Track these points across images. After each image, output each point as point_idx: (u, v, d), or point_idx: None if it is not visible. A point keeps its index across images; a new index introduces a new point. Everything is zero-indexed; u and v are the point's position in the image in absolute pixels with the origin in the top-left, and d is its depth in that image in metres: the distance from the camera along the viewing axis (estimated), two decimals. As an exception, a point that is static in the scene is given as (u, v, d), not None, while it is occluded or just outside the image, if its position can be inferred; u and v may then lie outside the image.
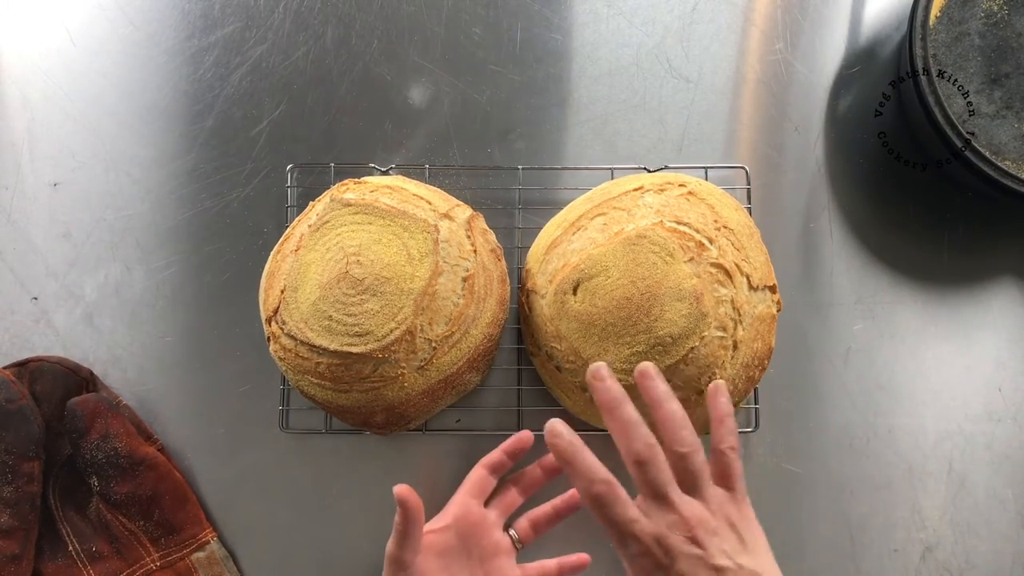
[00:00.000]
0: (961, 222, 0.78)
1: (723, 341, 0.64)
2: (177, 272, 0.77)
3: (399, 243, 0.65)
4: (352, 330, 0.64)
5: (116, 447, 0.69)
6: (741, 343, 0.65)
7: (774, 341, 0.68)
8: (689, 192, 0.68)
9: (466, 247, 0.68)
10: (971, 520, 0.73)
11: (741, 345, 0.65)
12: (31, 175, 0.79)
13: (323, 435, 0.75)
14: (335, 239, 0.66)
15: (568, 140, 0.79)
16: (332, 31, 0.81)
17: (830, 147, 0.79)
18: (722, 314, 0.64)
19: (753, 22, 0.81)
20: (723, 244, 0.66)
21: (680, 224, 0.66)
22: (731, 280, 0.65)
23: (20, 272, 0.78)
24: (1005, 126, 0.70)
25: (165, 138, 0.79)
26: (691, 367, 0.64)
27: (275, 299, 0.67)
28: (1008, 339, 0.76)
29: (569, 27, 0.81)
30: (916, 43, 0.70)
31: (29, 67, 0.81)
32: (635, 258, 0.64)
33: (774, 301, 0.68)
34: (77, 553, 0.71)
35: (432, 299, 0.65)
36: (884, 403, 0.75)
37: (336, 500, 0.74)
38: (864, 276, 0.77)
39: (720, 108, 0.79)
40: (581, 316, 0.65)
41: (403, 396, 0.67)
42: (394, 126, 0.79)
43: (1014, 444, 0.74)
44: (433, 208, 0.68)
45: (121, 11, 0.81)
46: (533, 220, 0.76)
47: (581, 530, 0.73)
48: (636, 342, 0.64)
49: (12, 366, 0.73)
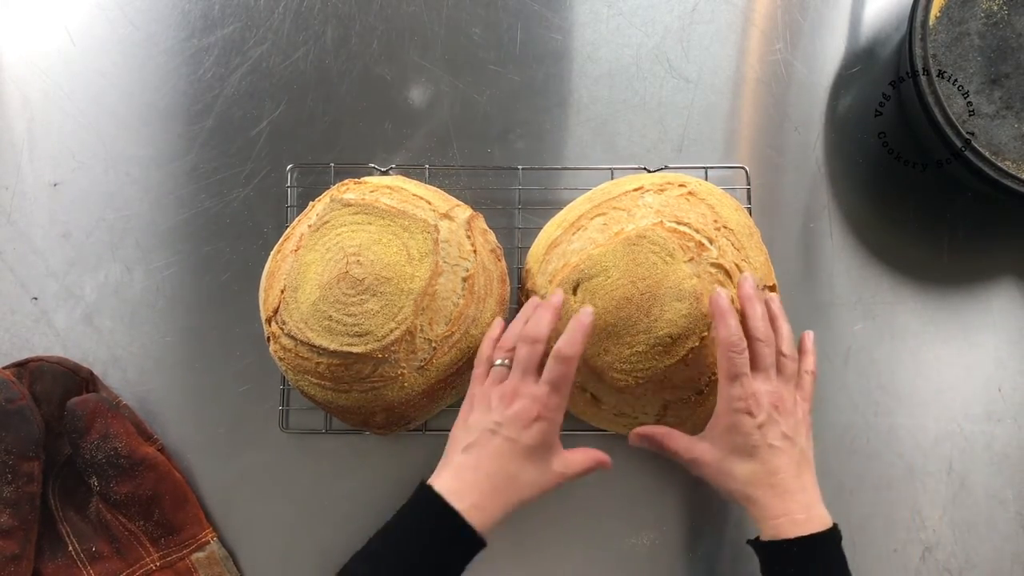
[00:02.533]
0: (961, 222, 0.78)
1: None
2: (177, 272, 0.77)
3: (399, 243, 0.65)
4: (352, 330, 0.64)
5: (116, 447, 0.69)
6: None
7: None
8: (689, 192, 0.68)
9: (466, 247, 0.68)
10: (971, 520, 0.73)
11: None
12: (31, 175, 0.79)
13: (323, 435, 0.75)
14: (335, 239, 0.66)
15: (568, 140, 0.79)
16: (332, 31, 0.81)
17: (830, 147, 0.79)
18: None
19: (753, 22, 0.81)
20: (723, 244, 0.66)
21: (680, 224, 0.66)
22: (731, 280, 0.65)
23: (20, 272, 0.78)
24: (1005, 126, 0.70)
25: (165, 138, 0.79)
26: (691, 367, 0.64)
27: (275, 299, 0.67)
28: (1008, 339, 0.76)
29: (569, 27, 0.81)
30: (916, 43, 0.70)
31: (29, 67, 0.81)
32: (635, 258, 0.64)
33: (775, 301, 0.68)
34: (77, 553, 0.70)
35: (432, 299, 0.65)
36: (884, 403, 0.75)
37: (336, 500, 0.74)
38: (864, 276, 0.77)
39: (720, 108, 0.79)
40: None
41: (403, 396, 0.66)
42: (394, 126, 0.79)
43: (1014, 444, 0.74)
44: (433, 208, 0.68)
45: (121, 11, 0.81)
46: (533, 220, 0.76)
47: (581, 533, 0.73)
48: (636, 342, 0.64)
49: (12, 366, 0.73)
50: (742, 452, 0.58)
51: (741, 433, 0.57)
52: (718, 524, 0.73)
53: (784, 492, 0.57)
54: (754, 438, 0.57)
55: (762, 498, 0.57)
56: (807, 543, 0.56)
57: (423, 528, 0.56)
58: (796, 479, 0.57)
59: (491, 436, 0.57)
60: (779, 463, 0.57)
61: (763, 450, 0.57)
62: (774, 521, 0.57)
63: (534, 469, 0.58)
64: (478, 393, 0.61)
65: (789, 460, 0.57)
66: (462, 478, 0.57)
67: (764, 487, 0.57)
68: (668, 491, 0.74)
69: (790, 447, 0.58)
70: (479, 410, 0.59)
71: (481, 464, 0.57)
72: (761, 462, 0.57)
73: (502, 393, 0.59)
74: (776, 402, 0.58)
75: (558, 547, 0.73)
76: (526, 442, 0.57)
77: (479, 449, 0.58)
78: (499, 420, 0.58)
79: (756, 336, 0.59)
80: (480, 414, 0.59)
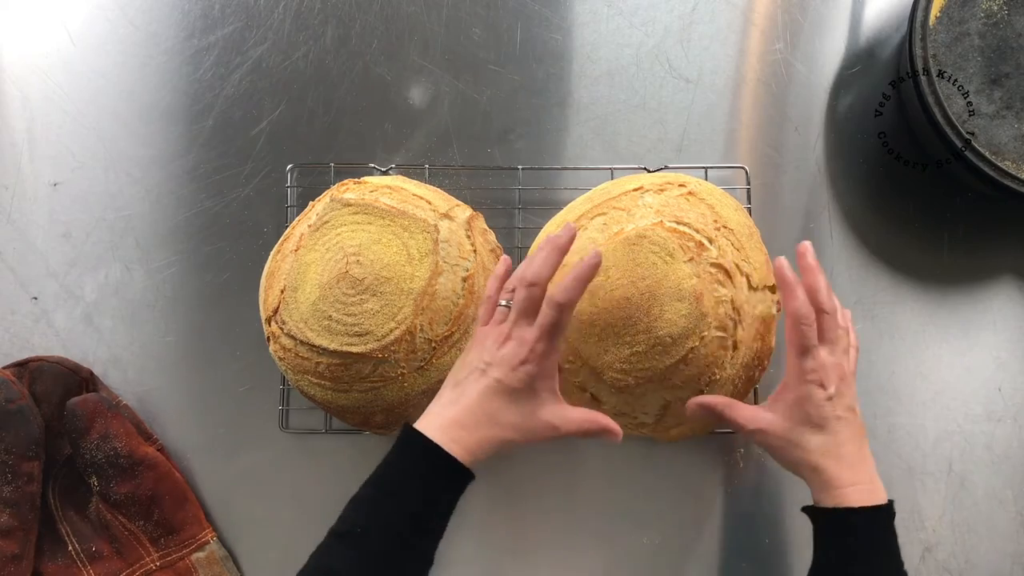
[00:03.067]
0: (961, 222, 0.78)
1: (723, 341, 0.64)
2: (177, 272, 0.77)
3: (399, 243, 0.65)
4: (352, 330, 0.64)
5: (116, 447, 0.69)
6: (741, 343, 0.65)
7: (774, 341, 0.68)
8: (689, 192, 0.68)
9: (466, 247, 0.68)
10: (971, 520, 0.73)
11: (741, 345, 0.65)
12: (31, 175, 0.79)
13: (323, 435, 0.75)
14: (335, 239, 0.66)
15: (568, 140, 0.79)
16: (332, 31, 0.81)
17: (830, 147, 0.79)
18: (722, 314, 0.64)
19: (753, 22, 0.81)
20: (723, 244, 0.66)
21: (680, 224, 0.66)
22: (731, 280, 0.65)
23: (20, 272, 0.78)
24: (1005, 126, 0.70)
25: (165, 138, 0.79)
26: (691, 367, 0.64)
27: (275, 299, 0.67)
28: (1008, 339, 0.76)
29: (569, 27, 0.81)
30: (916, 43, 0.70)
31: (29, 67, 0.81)
32: (635, 258, 0.64)
33: (774, 302, 0.68)
34: (77, 553, 0.71)
35: (432, 299, 0.65)
36: (884, 403, 0.75)
37: (336, 500, 0.74)
38: (864, 276, 0.77)
39: (720, 108, 0.79)
40: (581, 316, 0.65)
41: (403, 396, 0.66)
42: (394, 126, 0.79)
43: (1014, 444, 0.74)
44: (433, 208, 0.68)
45: (121, 11, 0.81)
46: (533, 220, 0.76)
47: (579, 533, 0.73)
48: (636, 342, 0.63)
49: (12, 366, 0.73)
50: (812, 423, 0.58)
51: (813, 404, 0.58)
52: (718, 524, 0.73)
53: (852, 463, 0.58)
54: (825, 410, 0.58)
55: (831, 468, 0.58)
56: (871, 514, 0.57)
57: (406, 466, 0.57)
58: (860, 450, 0.58)
59: (480, 375, 0.58)
60: (847, 434, 0.58)
61: (832, 421, 0.58)
62: (842, 490, 0.57)
63: (517, 411, 0.58)
64: (478, 333, 0.61)
65: (854, 432, 0.59)
66: (444, 414, 0.58)
67: (833, 458, 0.58)
68: (669, 491, 0.74)
69: (854, 418, 0.59)
70: (475, 350, 0.60)
71: (464, 399, 0.58)
72: (832, 433, 0.58)
73: (497, 334, 0.59)
74: (842, 375, 0.59)
75: (560, 546, 0.73)
76: (511, 384, 0.57)
77: (466, 386, 0.58)
78: (489, 360, 0.58)
79: (823, 308, 0.59)
80: (475, 354, 0.60)
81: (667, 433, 0.69)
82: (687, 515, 0.73)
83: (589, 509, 0.73)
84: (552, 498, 0.74)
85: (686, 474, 0.74)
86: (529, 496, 0.74)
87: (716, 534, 0.73)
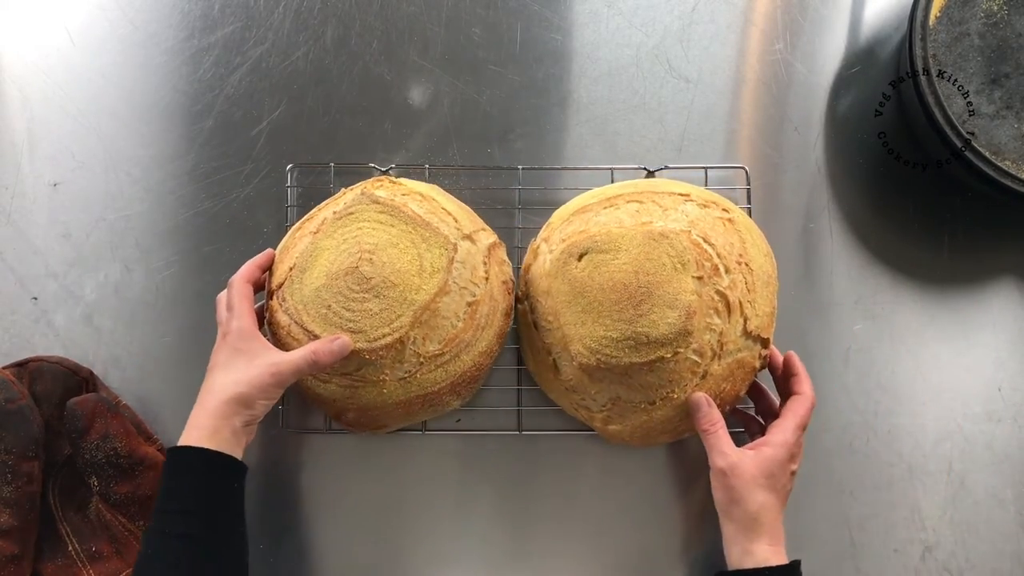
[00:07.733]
0: (961, 222, 0.78)
1: (695, 366, 0.64)
2: (177, 272, 0.77)
3: (415, 252, 0.65)
4: (346, 324, 0.64)
5: (116, 447, 0.69)
6: (711, 376, 0.65)
7: (744, 392, 0.68)
8: (729, 219, 0.68)
9: (479, 273, 0.67)
10: (971, 520, 0.73)
11: (710, 378, 0.65)
12: (31, 175, 0.79)
13: (323, 435, 0.75)
14: (355, 232, 0.66)
15: (568, 140, 0.79)
16: (332, 31, 0.81)
17: (830, 147, 0.79)
18: (705, 341, 0.63)
19: (753, 22, 0.81)
20: (737, 279, 0.65)
21: (706, 242, 0.65)
22: (729, 315, 0.64)
23: (20, 272, 0.78)
24: (1005, 126, 0.70)
25: (165, 138, 0.79)
26: (654, 375, 0.64)
27: (282, 275, 0.67)
28: (1008, 339, 0.76)
29: (569, 27, 0.81)
30: (916, 43, 0.70)
31: (29, 67, 0.81)
32: (649, 253, 0.64)
33: (760, 355, 0.67)
34: (77, 553, 0.70)
35: (432, 315, 0.65)
36: (884, 403, 0.75)
37: (336, 499, 0.74)
38: (864, 276, 0.77)
39: (720, 108, 0.79)
40: (576, 282, 0.65)
41: (379, 401, 0.66)
42: (394, 126, 0.79)
43: (1014, 444, 0.74)
44: (458, 227, 0.68)
45: (121, 11, 0.81)
46: (533, 220, 0.76)
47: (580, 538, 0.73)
48: (614, 328, 0.63)
49: (12, 366, 0.73)
50: (770, 485, 0.64)
51: (785, 473, 0.64)
52: (718, 524, 0.73)
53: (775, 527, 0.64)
54: (784, 480, 0.64)
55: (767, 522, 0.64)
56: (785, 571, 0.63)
57: (176, 478, 0.61)
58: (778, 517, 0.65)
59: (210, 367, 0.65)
60: (781, 505, 0.65)
61: (781, 490, 0.65)
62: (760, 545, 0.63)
63: (236, 369, 0.63)
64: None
65: (783, 505, 0.65)
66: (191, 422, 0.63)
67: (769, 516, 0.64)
68: (668, 492, 0.74)
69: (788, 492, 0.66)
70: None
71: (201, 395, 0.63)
72: (777, 498, 0.64)
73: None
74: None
75: (558, 547, 0.73)
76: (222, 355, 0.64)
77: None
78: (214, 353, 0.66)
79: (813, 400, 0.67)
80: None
81: (605, 427, 0.69)
82: (686, 515, 0.73)
83: (588, 509, 0.73)
84: (552, 498, 0.74)
85: (686, 474, 0.74)
86: (529, 498, 0.74)
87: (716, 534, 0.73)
